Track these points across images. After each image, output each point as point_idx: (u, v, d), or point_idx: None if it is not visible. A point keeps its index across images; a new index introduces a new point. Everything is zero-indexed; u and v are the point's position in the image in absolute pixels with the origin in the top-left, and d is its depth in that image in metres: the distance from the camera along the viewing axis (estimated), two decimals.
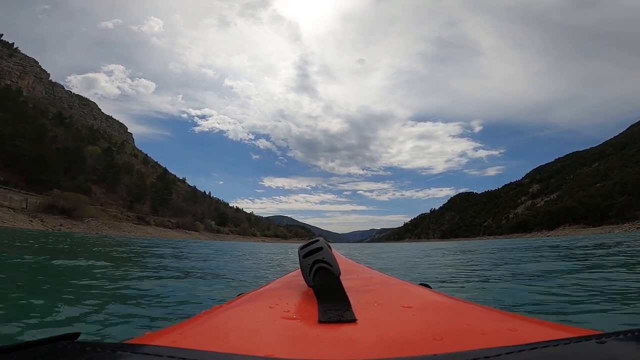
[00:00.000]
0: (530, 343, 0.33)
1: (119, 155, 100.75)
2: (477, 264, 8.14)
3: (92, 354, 0.34)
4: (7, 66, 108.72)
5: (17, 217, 35.49)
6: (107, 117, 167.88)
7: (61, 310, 2.49)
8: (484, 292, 3.93)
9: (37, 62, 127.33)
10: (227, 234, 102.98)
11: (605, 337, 0.33)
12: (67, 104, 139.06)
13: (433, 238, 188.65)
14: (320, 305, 0.57)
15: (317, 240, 0.70)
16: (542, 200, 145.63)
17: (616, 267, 5.70)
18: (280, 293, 0.72)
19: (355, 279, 0.92)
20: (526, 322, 0.46)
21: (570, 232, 79.78)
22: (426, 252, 16.11)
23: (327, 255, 0.65)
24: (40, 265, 5.74)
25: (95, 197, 67.29)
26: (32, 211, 40.65)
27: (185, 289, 3.90)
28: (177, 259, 8.90)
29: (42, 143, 54.66)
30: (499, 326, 0.46)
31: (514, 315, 0.50)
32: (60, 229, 37.22)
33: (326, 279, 0.62)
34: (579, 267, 5.93)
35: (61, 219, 42.78)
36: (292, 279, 0.93)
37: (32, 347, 0.36)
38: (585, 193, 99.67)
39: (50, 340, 0.37)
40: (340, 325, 0.50)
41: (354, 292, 0.66)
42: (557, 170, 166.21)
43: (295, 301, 0.65)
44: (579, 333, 0.38)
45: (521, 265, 7.11)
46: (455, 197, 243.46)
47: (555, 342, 0.33)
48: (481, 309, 0.54)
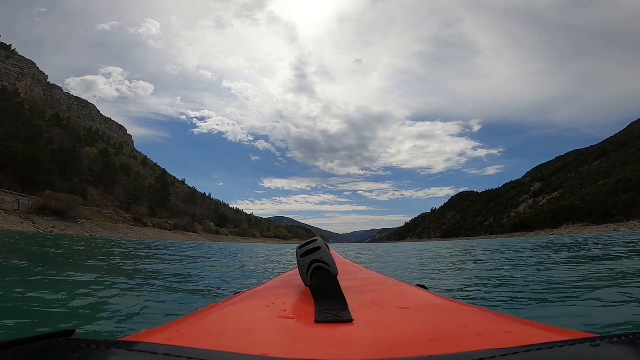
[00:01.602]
0: (525, 345, 0.33)
1: (118, 157, 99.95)
2: (497, 268, 7.32)
3: (87, 350, 0.34)
4: (5, 68, 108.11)
5: (7, 219, 34.53)
6: (106, 119, 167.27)
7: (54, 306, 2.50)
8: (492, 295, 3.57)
9: (35, 64, 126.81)
10: (226, 235, 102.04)
11: (599, 340, 0.33)
12: (65, 105, 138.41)
13: (434, 238, 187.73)
14: (317, 305, 0.56)
15: (315, 240, 0.70)
16: (544, 198, 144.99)
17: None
18: (277, 292, 0.72)
19: (352, 279, 0.92)
20: (522, 325, 0.46)
21: (574, 231, 78.82)
22: (424, 253, 15.22)
23: (324, 255, 0.65)
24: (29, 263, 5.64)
25: (92, 199, 66.40)
26: (24, 213, 39.68)
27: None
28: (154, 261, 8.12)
29: (36, 144, 53.76)
30: (494, 328, 0.46)
31: (509, 317, 0.50)
32: (53, 231, 36.29)
33: (324, 279, 0.62)
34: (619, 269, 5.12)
35: (54, 220, 41.76)
36: (290, 278, 0.92)
37: (27, 344, 0.35)
38: (588, 191, 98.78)
39: (45, 337, 0.37)
40: (337, 325, 0.50)
41: (351, 292, 0.67)
42: (558, 168, 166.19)
43: (292, 300, 0.65)
44: (574, 336, 0.39)
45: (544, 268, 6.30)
46: (456, 197, 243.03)
47: (550, 345, 0.33)
48: (477, 311, 0.54)
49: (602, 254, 7.85)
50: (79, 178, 65.03)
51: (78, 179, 63.98)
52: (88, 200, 62.29)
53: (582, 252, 8.81)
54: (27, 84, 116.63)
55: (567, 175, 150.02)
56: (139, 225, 65.87)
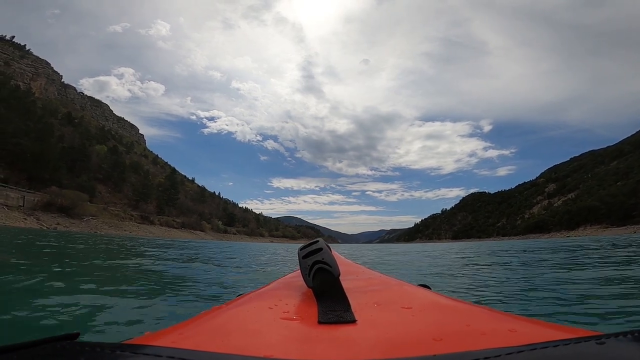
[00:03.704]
0: (530, 344, 0.33)
1: (128, 155, 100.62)
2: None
3: (92, 354, 0.34)
4: (19, 68, 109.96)
5: (9, 215, 34.35)
6: (118, 119, 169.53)
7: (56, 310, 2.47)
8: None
9: (49, 64, 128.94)
10: (234, 234, 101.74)
11: (604, 337, 0.33)
12: (79, 105, 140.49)
13: (445, 239, 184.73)
14: (319, 306, 0.56)
15: (317, 241, 0.70)
16: (560, 199, 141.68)
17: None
18: (280, 294, 0.72)
19: (354, 279, 0.92)
20: (526, 323, 0.46)
21: (593, 232, 76.02)
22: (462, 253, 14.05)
23: (326, 256, 0.65)
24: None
25: (100, 196, 66.66)
26: (28, 209, 39.60)
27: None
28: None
29: (45, 141, 54.00)
30: (498, 327, 0.45)
31: (513, 315, 0.50)
32: (57, 228, 36.07)
33: (326, 280, 0.62)
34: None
35: (59, 217, 41.65)
36: (292, 279, 0.92)
37: (32, 347, 0.35)
38: (607, 192, 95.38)
39: (50, 340, 0.37)
40: (340, 326, 0.50)
41: (354, 292, 0.66)
42: (574, 169, 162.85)
43: (295, 302, 0.65)
44: (579, 334, 0.38)
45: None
46: (467, 197, 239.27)
47: (555, 343, 0.32)
48: (481, 310, 0.54)
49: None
50: (88, 175, 65.35)
51: (87, 176, 64.28)
52: (96, 198, 62.53)
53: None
54: (41, 83, 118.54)
55: (583, 176, 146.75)
56: (146, 223, 65.86)
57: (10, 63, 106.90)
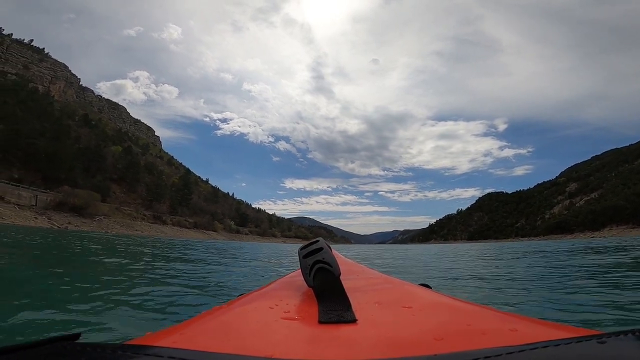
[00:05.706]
0: (531, 343, 0.33)
1: (144, 157, 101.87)
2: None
3: (93, 354, 0.34)
4: (39, 71, 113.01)
5: (20, 214, 34.51)
6: (135, 121, 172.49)
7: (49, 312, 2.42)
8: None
9: (68, 67, 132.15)
10: (247, 234, 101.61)
11: (606, 337, 0.32)
12: (97, 108, 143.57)
13: (460, 239, 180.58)
14: (320, 306, 0.56)
15: (317, 241, 0.70)
16: (582, 199, 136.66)
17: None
18: (281, 293, 0.72)
19: (355, 279, 0.92)
20: (527, 322, 0.46)
21: (619, 233, 72.41)
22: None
23: (327, 255, 0.65)
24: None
25: (114, 196, 67.35)
26: (40, 208, 39.92)
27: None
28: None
29: (60, 142, 54.75)
30: (499, 326, 0.45)
31: (514, 315, 0.50)
32: (68, 227, 36.09)
33: (326, 280, 0.62)
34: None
35: (70, 216, 41.88)
36: (293, 279, 0.92)
37: (33, 348, 0.35)
38: (632, 191, 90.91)
39: (51, 341, 0.37)
40: (341, 325, 0.50)
41: (354, 292, 0.66)
42: (596, 168, 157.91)
43: (296, 301, 0.65)
44: (580, 333, 0.38)
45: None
46: (484, 197, 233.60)
47: (556, 342, 0.32)
48: (481, 309, 0.54)
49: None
50: (103, 175, 66.12)
51: (102, 176, 65.02)
52: (111, 198, 63.13)
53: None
54: (60, 86, 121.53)
55: (606, 175, 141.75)
56: (158, 222, 66.12)
57: (29, 66, 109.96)
